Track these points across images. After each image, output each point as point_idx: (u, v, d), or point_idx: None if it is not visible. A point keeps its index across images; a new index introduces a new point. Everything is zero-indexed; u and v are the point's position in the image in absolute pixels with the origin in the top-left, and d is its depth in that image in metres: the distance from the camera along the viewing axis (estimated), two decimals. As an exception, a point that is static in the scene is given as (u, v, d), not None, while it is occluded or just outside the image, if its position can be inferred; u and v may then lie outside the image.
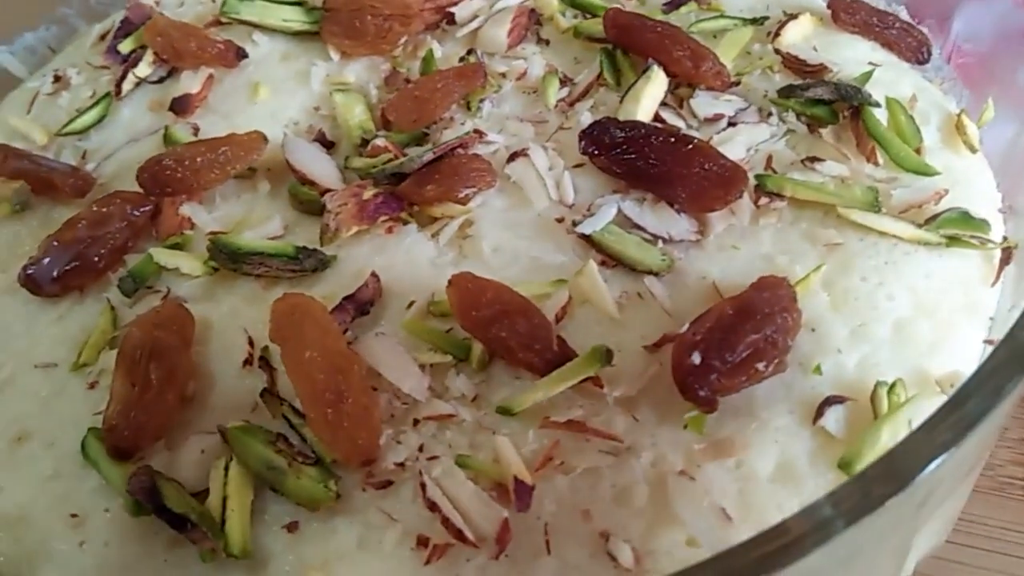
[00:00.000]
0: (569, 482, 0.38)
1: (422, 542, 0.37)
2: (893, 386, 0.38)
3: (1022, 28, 0.53)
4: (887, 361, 0.40)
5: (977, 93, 0.54)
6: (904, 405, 0.38)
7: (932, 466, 0.28)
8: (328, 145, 0.54)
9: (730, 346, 0.38)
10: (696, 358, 0.37)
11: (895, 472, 0.29)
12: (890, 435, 0.37)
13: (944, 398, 0.38)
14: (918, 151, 0.48)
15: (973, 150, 0.49)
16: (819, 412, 0.38)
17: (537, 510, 0.37)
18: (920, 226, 0.44)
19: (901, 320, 0.42)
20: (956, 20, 0.57)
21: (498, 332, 0.40)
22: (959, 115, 0.50)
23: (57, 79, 0.61)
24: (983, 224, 0.44)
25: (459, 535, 0.36)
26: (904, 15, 0.58)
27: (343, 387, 0.38)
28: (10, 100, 0.62)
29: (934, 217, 0.44)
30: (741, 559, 0.28)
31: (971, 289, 0.43)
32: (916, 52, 0.56)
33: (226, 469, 0.38)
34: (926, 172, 0.46)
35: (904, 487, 0.28)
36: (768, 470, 0.37)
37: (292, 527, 0.38)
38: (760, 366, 0.38)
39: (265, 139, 0.52)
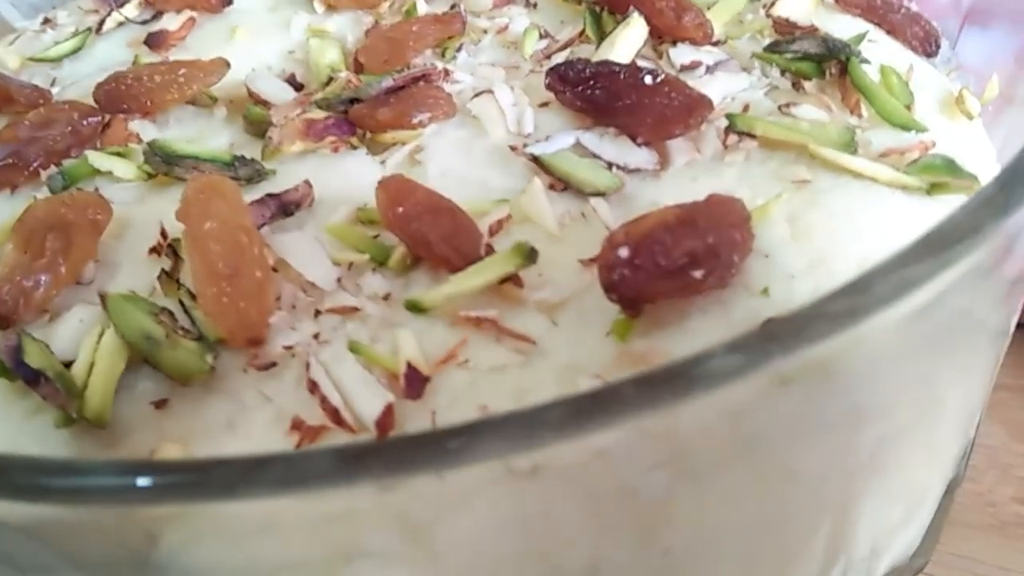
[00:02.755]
0: (470, 377, 0.33)
1: (296, 425, 0.33)
2: (846, 307, 0.34)
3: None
4: (846, 292, 0.36)
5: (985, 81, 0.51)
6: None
7: (823, 332, 0.24)
8: (298, 87, 0.52)
9: (664, 250, 0.34)
10: (624, 252, 0.34)
11: (789, 328, 0.25)
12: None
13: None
14: (908, 109, 0.44)
15: (970, 117, 0.45)
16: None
17: (429, 402, 0.33)
18: (899, 170, 0.40)
19: (867, 259, 0.37)
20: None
21: (419, 227, 0.37)
22: (960, 90, 0.47)
23: (46, 21, 0.60)
24: (971, 177, 0.40)
25: (336, 417, 0.32)
26: (914, 7, 0.55)
27: (239, 261, 0.35)
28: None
29: (915, 162, 0.40)
30: (616, 398, 0.24)
31: (952, 238, 0.39)
32: (923, 42, 0.52)
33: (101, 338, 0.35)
34: (913, 126, 0.43)
35: (797, 341, 0.24)
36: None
37: (160, 404, 0.34)
38: (696, 274, 0.34)
39: (227, 64, 0.50)
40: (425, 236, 0.37)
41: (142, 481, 0.24)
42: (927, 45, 0.52)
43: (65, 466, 0.25)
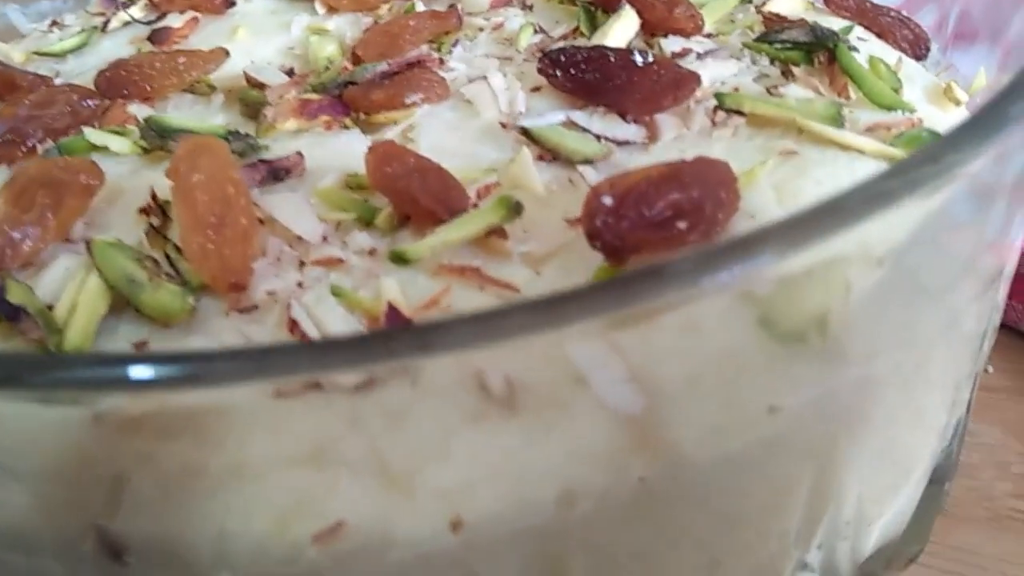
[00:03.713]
0: (451, 321, 0.33)
1: (275, 363, 0.32)
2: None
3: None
4: (832, 247, 0.36)
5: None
6: (840, 267, 0.33)
7: (791, 242, 0.25)
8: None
9: (648, 201, 0.34)
10: (607, 200, 0.34)
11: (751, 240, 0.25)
12: (821, 296, 0.32)
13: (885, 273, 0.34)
14: (895, 92, 0.44)
15: (957, 103, 0.46)
16: (744, 275, 0.34)
17: (409, 342, 0.33)
18: (886, 143, 0.40)
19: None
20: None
21: (407, 184, 0.37)
22: (948, 83, 0.47)
23: (54, 23, 0.62)
24: (958, 151, 0.40)
25: (314, 353, 0.32)
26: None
27: (225, 211, 0.35)
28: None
29: (901, 135, 0.41)
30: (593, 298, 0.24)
31: (938, 206, 0.39)
32: (913, 45, 0.53)
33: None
34: (900, 106, 0.43)
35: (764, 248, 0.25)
36: (675, 323, 0.33)
37: (140, 345, 0.34)
38: (681, 225, 0.34)
39: (226, 53, 0.51)
40: (412, 193, 0.37)
41: (128, 370, 0.24)
42: (917, 48, 0.53)
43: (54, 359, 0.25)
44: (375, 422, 0.30)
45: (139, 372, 0.23)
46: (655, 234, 0.34)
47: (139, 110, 0.49)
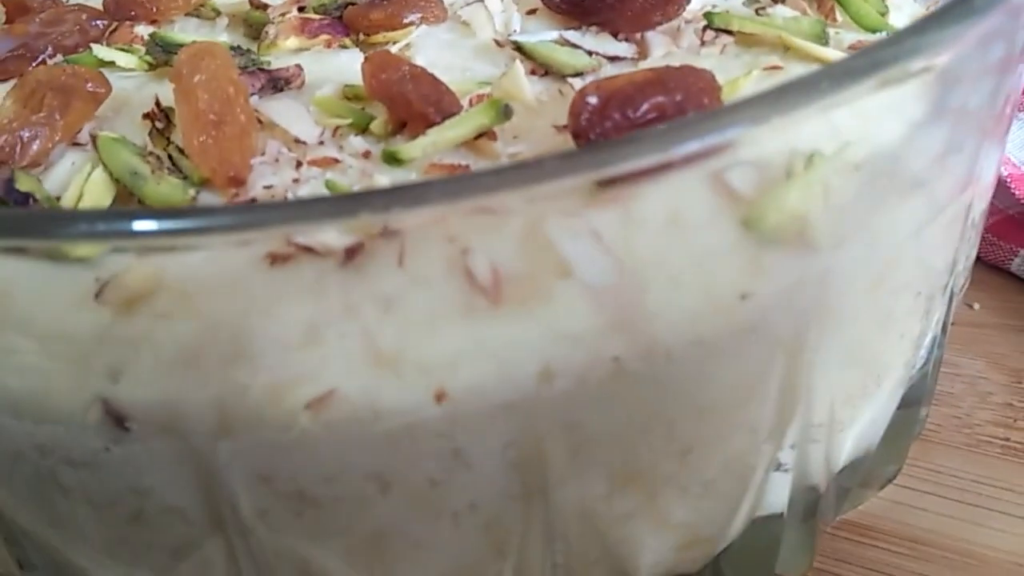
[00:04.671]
0: (440, 213, 0.35)
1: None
2: (811, 156, 0.35)
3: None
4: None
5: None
6: (820, 169, 0.34)
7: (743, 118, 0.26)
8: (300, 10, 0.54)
9: (633, 103, 0.35)
10: (593, 99, 0.35)
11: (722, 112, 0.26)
12: (801, 197, 0.33)
13: (861, 177, 0.35)
14: (882, 16, 0.45)
15: (945, 29, 0.46)
16: (725, 171, 0.35)
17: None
18: (870, 60, 0.41)
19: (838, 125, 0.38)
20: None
21: (400, 89, 0.39)
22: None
23: (64, -47, 0.63)
24: (940, 68, 0.42)
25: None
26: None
27: (225, 109, 0.37)
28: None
29: (885, 53, 0.42)
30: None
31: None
32: (905, -23, 0.54)
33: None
34: (886, 29, 0.44)
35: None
36: (659, 220, 0.34)
37: (143, 234, 0.35)
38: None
39: (231, -23, 0.52)
40: (406, 96, 0.38)
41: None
42: (909, -21, 0.54)
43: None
44: (367, 310, 0.31)
45: (144, 224, 0.25)
46: (638, 135, 0.35)
47: (145, 32, 0.50)
